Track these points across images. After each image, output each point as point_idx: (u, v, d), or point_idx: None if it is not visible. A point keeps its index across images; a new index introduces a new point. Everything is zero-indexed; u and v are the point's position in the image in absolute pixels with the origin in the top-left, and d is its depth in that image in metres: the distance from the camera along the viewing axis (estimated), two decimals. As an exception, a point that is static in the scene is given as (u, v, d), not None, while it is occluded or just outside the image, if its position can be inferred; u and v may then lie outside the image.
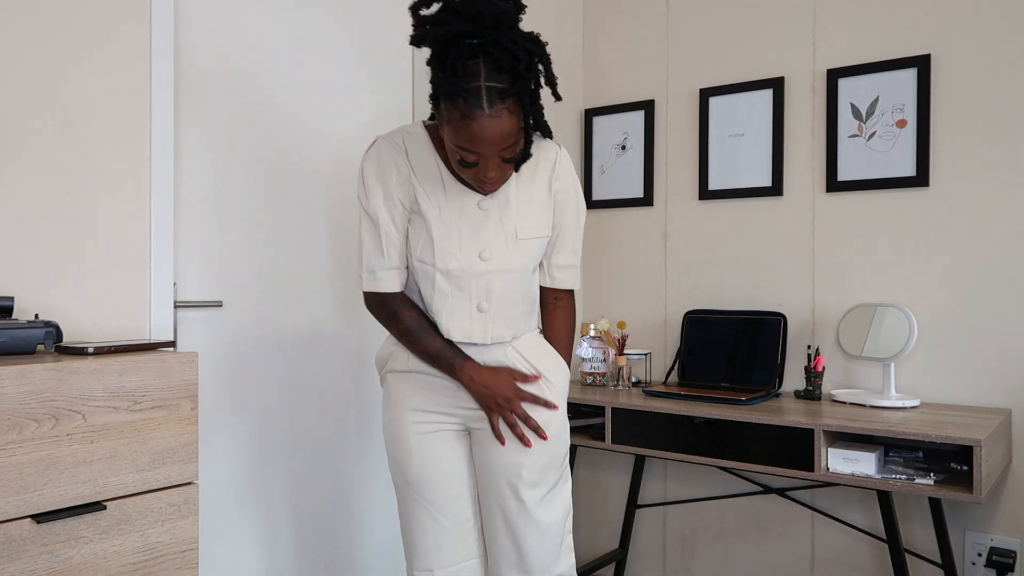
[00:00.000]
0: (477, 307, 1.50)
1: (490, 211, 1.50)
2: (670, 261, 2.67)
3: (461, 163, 1.38)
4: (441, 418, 1.55)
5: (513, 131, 1.34)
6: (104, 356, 1.33)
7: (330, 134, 2.14)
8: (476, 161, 1.36)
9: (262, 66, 1.98)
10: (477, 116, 1.30)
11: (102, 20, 1.61)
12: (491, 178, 1.39)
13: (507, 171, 1.41)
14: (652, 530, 2.70)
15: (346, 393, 2.18)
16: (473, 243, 1.48)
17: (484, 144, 1.33)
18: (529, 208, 1.53)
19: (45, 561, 1.20)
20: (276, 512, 2.01)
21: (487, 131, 1.31)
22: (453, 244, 1.47)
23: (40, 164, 1.53)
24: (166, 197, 1.71)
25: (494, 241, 1.49)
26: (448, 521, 1.55)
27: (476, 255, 1.49)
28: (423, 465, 1.54)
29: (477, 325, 1.50)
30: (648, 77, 2.72)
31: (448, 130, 1.36)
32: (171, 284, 1.72)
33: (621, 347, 2.51)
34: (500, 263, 1.49)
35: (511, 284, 1.52)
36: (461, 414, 1.55)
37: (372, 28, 2.24)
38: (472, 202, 1.49)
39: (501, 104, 1.31)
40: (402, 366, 1.56)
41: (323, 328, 2.12)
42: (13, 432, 1.17)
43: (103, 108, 1.61)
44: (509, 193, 1.51)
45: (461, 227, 1.48)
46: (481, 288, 1.49)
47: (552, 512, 1.55)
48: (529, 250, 1.52)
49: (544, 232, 1.54)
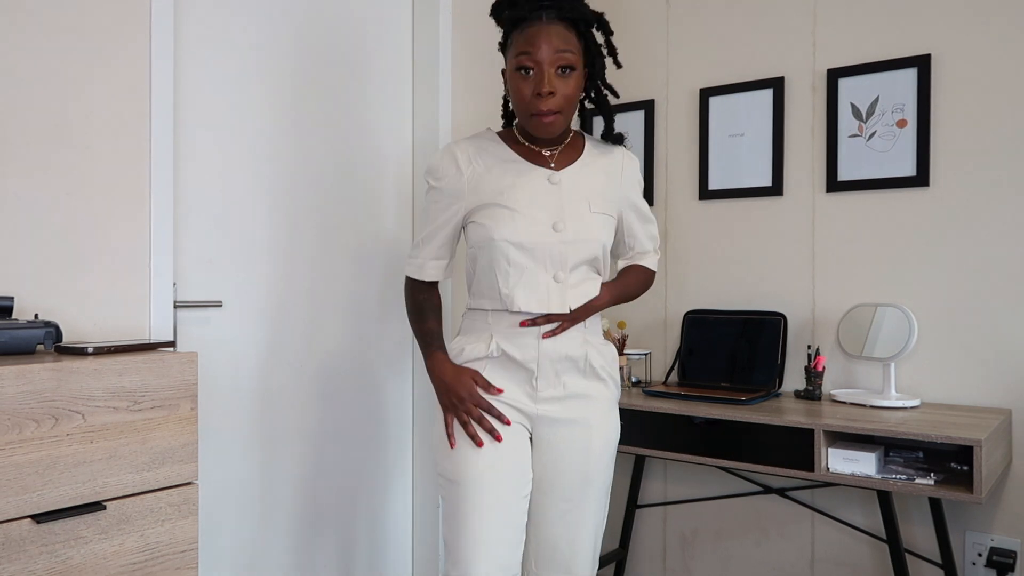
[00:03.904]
0: (553, 278, 1.51)
1: (561, 184, 1.54)
2: (670, 261, 2.67)
3: (520, 71, 1.47)
4: (510, 411, 1.53)
5: (568, 46, 1.47)
6: (104, 356, 1.33)
7: (330, 134, 2.14)
8: (532, 67, 1.46)
9: (262, 66, 1.98)
10: (535, 23, 1.46)
11: (102, 20, 1.61)
12: (547, 91, 1.45)
13: (564, 91, 1.47)
14: (652, 530, 2.70)
15: (347, 393, 2.18)
16: (546, 216, 1.51)
17: (540, 44, 1.45)
18: (599, 187, 1.57)
19: (45, 561, 1.20)
20: (276, 512, 2.01)
21: (543, 33, 1.45)
22: (524, 218, 1.50)
23: (40, 164, 1.53)
24: (166, 197, 1.71)
25: (567, 213, 1.52)
26: (499, 524, 1.49)
27: (550, 227, 1.50)
28: (487, 452, 1.49)
29: (554, 296, 1.51)
30: (648, 77, 2.72)
31: (510, 54, 1.50)
32: (171, 284, 1.72)
33: (621, 347, 2.51)
34: (574, 234, 1.51)
35: (586, 256, 1.53)
36: (533, 416, 1.54)
37: (372, 29, 2.24)
38: (542, 177, 1.54)
39: (559, 21, 1.47)
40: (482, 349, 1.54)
41: (323, 328, 2.12)
42: (13, 432, 1.17)
43: (103, 108, 1.61)
44: (581, 170, 1.57)
45: (533, 201, 1.52)
46: (556, 259, 1.51)
47: (602, 513, 1.60)
48: (602, 224, 1.55)
49: (611, 211, 1.59)
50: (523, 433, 1.55)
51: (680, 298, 2.64)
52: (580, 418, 1.55)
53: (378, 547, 2.27)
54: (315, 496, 2.10)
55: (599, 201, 1.56)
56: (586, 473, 1.55)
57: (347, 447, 2.18)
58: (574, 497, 1.55)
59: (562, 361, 1.53)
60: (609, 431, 1.59)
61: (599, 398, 1.57)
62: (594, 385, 1.57)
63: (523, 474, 1.53)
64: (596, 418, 1.56)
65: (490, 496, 1.48)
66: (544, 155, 1.58)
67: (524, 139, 1.59)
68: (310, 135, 2.09)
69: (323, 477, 2.12)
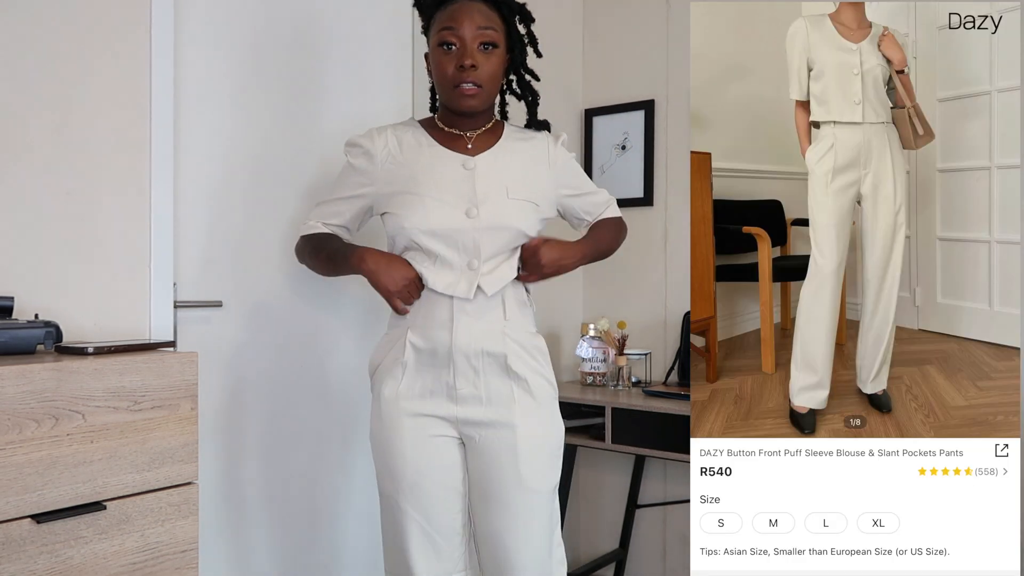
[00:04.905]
0: (467, 265, 1.48)
1: (476, 170, 1.51)
2: (670, 261, 2.66)
3: (442, 46, 1.48)
4: (438, 425, 1.51)
5: (491, 24, 1.49)
6: (104, 356, 1.33)
7: (330, 134, 2.14)
8: (455, 43, 1.47)
9: (263, 66, 1.98)
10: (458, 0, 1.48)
11: (102, 20, 1.61)
12: (469, 63, 1.46)
13: (486, 67, 1.48)
14: (652, 530, 2.70)
15: (347, 393, 2.17)
16: (459, 201, 1.48)
17: (463, 20, 1.46)
18: (518, 174, 1.54)
19: (45, 561, 1.20)
20: (276, 512, 2.01)
21: (466, 10, 1.47)
22: (435, 203, 1.47)
23: (40, 164, 1.53)
24: (166, 197, 1.71)
25: (481, 199, 1.49)
26: (438, 534, 1.51)
27: (463, 212, 1.47)
28: (419, 472, 1.49)
29: (463, 281, 1.47)
30: (648, 77, 2.72)
31: (433, 32, 1.51)
32: (171, 284, 1.72)
33: (621, 347, 2.51)
34: (488, 220, 1.48)
35: (504, 244, 1.50)
36: (455, 420, 1.51)
37: (372, 29, 2.24)
38: (457, 163, 1.52)
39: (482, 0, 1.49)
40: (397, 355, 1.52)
41: (323, 328, 2.12)
42: (13, 432, 1.17)
43: (103, 108, 1.61)
44: (498, 156, 1.55)
45: (445, 187, 1.49)
46: (470, 246, 1.47)
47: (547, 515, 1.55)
48: (520, 210, 1.51)
49: (536, 199, 1.54)
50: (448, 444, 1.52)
51: (680, 298, 2.64)
52: (503, 420, 1.49)
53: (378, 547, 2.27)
54: (315, 496, 2.10)
55: (518, 187, 1.52)
56: (519, 477, 1.49)
57: (348, 447, 2.17)
58: (512, 501, 1.50)
59: (479, 357, 1.49)
60: (537, 432, 1.52)
61: (519, 399, 1.51)
62: (514, 384, 1.51)
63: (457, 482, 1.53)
64: (519, 419, 1.49)
65: (425, 504, 1.49)
66: (463, 138, 1.56)
67: (444, 124, 1.58)
68: (310, 135, 2.09)
69: (323, 477, 2.12)
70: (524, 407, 1.51)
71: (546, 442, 1.54)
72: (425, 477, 1.50)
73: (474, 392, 1.50)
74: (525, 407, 1.51)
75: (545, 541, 1.54)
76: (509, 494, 1.50)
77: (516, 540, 1.51)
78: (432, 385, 1.51)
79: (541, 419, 1.54)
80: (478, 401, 1.50)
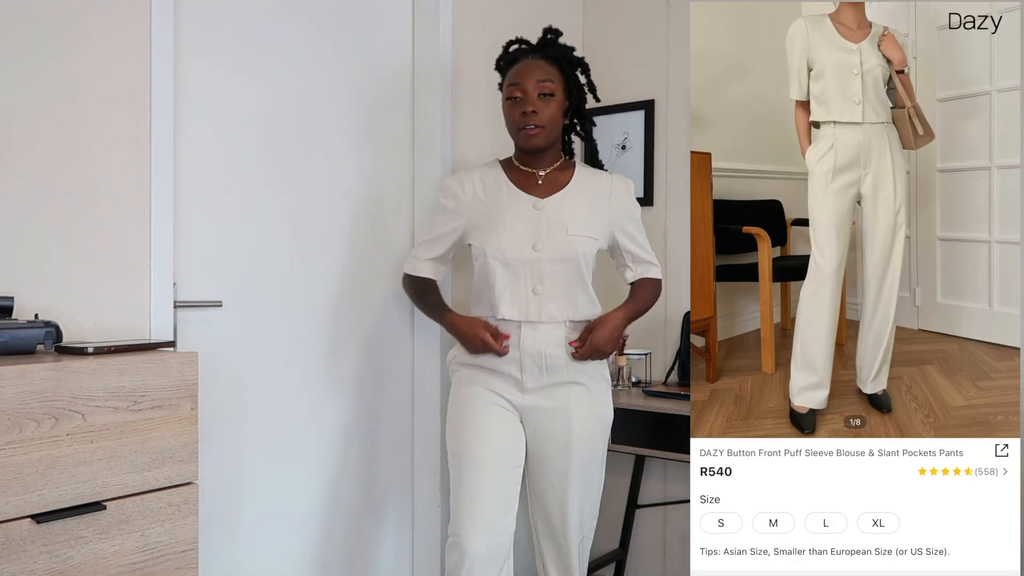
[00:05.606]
0: (532, 290, 1.76)
1: (544, 211, 1.80)
2: (670, 261, 2.66)
3: (510, 100, 1.79)
4: (503, 401, 1.80)
5: (549, 77, 1.79)
6: (104, 356, 1.33)
7: (330, 133, 2.14)
8: (520, 95, 1.77)
9: (263, 65, 1.98)
10: (521, 60, 1.82)
11: (103, 20, 1.61)
12: (530, 109, 1.75)
13: (545, 111, 1.77)
14: (652, 530, 2.70)
15: (347, 393, 2.17)
16: (527, 236, 1.77)
17: (525, 76, 1.78)
18: (580, 213, 1.81)
19: (45, 561, 1.21)
20: (276, 512, 2.01)
21: (527, 67, 1.80)
22: (510, 237, 1.77)
23: (40, 164, 1.53)
24: (166, 197, 1.71)
25: (546, 234, 1.77)
26: (490, 492, 1.75)
27: (530, 246, 1.75)
28: (484, 431, 1.77)
29: (532, 306, 1.77)
30: (648, 77, 2.72)
31: (504, 86, 1.83)
32: (171, 284, 1.72)
33: (621, 347, 2.51)
34: (550, 252, 1.76)
35: (563, 272, 1.78)
36: (521, 407, 1.80)
37: (371, 29, 2.24)
38: (528, 204, 1.81)
39: (542, 58, 1.81)
40: (471, 360, 1.82)
41: (323, 328, 2.12)
42: (13, 432, 1.17)
43: (103, 108, 1.61)
44: (565, 198, 1.82)
45: (517, 224, 1.79)
46: (535, 274, 1.76)
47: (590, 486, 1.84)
48: (579, 245, 1.78)
49: (594, 234, 1.82)
50: (512, 418, 1.81)
51: (680, 298, 2.64)
52: (561, 406, 1.79)
53: (380, 547, 2.27)
54: (316, 495, 2.10)
55: (579, 225, 1.80)
56: (568, 453, 1.79)
57: (348, 447, 2.17)
58: (561, 473, 1.80)
59: (542, 357, 1.78)
60: (590, 415, 1.81)
61: (577, 389, 1.80)
62: (573, 381, 1.80)
63: (514, 449, 1.80)
64: (575, 405, 1.79)
65: (484, 469, 1.75)
66: (535, 176, 1.84)
67: (519, 163, 1.87)
68: (310, 135, 2.09)
69: (324, 477, 2.12)
70: (580, 395, 1.80)
71: (599, 424, 1.84)
72: (489, 437, 1.77)
73: (537, 385, 1.79)
74: (581, 395, 1.80)
75: (585, 503, 1.84)
76: (560, 467, 1.79)
77: (563, 503, 1.80)
78: (504, 378, 1.80)
79: (595, 405, 1.83)
80: (541, 391, 1.79)
